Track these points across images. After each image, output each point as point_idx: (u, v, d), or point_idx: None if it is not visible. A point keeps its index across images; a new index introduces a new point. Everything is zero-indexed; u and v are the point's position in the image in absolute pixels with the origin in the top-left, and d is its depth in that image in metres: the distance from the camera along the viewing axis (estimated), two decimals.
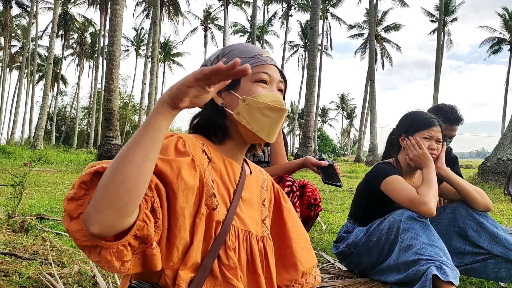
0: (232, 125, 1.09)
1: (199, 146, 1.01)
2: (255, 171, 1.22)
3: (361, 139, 35.26)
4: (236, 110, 1.06)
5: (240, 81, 1.09)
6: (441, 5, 26.07)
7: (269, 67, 1.12)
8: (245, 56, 1.11)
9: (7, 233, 2.40)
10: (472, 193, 2.02)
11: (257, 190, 1.19)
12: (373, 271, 2.02)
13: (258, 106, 1.06)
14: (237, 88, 1.09)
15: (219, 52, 1.16)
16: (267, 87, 1.10)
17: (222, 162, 1.07)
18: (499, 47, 41.70)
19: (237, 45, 1.17)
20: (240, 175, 1.12)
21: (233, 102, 1.08)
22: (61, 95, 47.67)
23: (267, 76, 1.11)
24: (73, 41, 44.04)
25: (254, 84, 1.09)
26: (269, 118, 1.07)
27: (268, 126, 1.07)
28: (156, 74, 21.84)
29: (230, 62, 0.76)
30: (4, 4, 36.99)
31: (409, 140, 2.04)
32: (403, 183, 1.92)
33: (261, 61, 1.11)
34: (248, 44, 1.19)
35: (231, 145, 1.11)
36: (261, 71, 1.10)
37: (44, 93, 19.39)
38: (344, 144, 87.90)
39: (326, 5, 42.34)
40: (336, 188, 7.55)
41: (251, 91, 1.07)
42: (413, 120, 2.10)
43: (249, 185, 1.15)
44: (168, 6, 36.12)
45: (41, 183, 6.54)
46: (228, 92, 1.09)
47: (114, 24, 11.52)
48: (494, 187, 7.62)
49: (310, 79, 16.34)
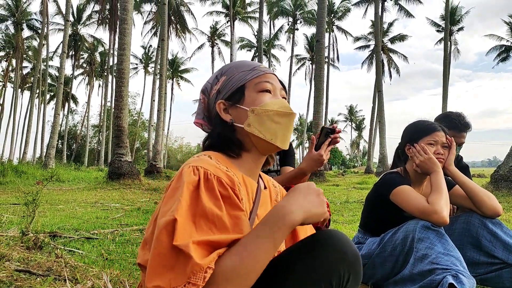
0: (244, 138, 1.10)
1: (224, 171, 1.00)
2: (268, 185, 1.23)
3: (371, 150, 35.05)
4: (247, 122, 1.07)
5: (244, 94, 1.10)
6: (447, 14, 26.10)
7: (270, 76, 1.14)
8: (244, 70, 1.13)
9: (21, 251, 2.42)
10: (480, 194, 2.00)
11: (271, 205, 1.19)
12: (388, 282, 1.99)
13: (268, 114, 1.07)
14: (242, 101, 1.10)
15: (217, 73, 1.17)
16: (271, 95, 1.12)
17: (242, 181, 1.07)
18: (507, 55, 41.44)
19: (233, 62, 1.19)
20: (256, 191, 1.12)
21: (241, 116, 1.09)
22: (72, 114, 48.36)
23: (270, 84, 1.12)
24: (83, 61, 44.75)
25: (259, 94, 1.10)
26: (280, 124, 1.08)
27: (280, 133, 1.09)
28: (165, 91, 22.04)
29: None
30: (15, 26, 37.85)
31: (414, 147, 2.04)
32: (413, 192, 1.90)
33: (260, 72, 1.13)
34: (243, 60, 1.21)
35: (248, 160, 1.11)
36: (263, 81, 1.12)
37: (55, 113, 19.64)
38: (353, 155, 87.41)
39: (332, 18, 42.61)
40: (347, 199, 7.51)
41: (257, 101, 1.09)
42: (416, 128, 2.12)
43: (264, 201, 1.15)
44: (176, 23, 36.63)
45: (53, 201, 6.59)
46: (234, 107, 1.10)
47: (123, 43, 11.70)
48: (508, 195, 7.50)
49: (318, 91, 16.38)
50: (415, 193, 1.90)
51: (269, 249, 0.85)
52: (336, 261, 0.91)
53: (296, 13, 42.04)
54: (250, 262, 0.83)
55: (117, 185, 10.24)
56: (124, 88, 11.56)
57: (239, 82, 1.11)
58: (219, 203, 0.91)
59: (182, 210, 0.86)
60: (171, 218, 0.85)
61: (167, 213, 0.87)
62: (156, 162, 18.20)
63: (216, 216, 0.89)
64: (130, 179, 10.83)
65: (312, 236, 0.98)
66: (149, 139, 24.79)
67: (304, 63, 48.60)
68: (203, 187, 0.92)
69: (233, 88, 1.11)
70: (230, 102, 1.11)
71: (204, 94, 1.19)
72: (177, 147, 57.16)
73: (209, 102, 1.17)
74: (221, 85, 1.13)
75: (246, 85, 1.11)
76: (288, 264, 0.94)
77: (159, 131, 20.18)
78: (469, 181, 2.04)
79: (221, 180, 0.95)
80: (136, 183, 10.57)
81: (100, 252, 2.75)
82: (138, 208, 5.71)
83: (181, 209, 0.86)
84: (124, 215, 4.96)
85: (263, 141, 1.07)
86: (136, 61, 46.30)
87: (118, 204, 6.31)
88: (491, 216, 2.00)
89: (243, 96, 1.10)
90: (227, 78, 1.13)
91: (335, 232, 0.97)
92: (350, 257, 0.92)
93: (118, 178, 10.81)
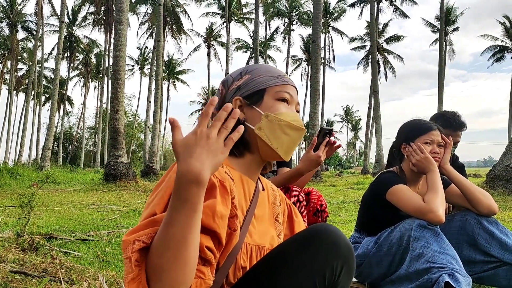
0: (251, 139, 1.10)
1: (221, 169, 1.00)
2: (266, 187, 1.23)
3: (367, 150, 35.14)
4: (258, 125, 1.08)
5: (263, 98, 1.11)
6: (442, 15, 26.23)
7: (291, 88, 1.15)
8: (269, 75, 1.14)
9: (16, 252, 2.41)
10: (476, 193, 2.00)
11: (269, 207, 1.19)
12: (384, 282, 1.99)
13: (280, 123, 1.08)
14: (259, 104, 1.11)
15: (243, 70, 1.18)
16: (288, 106, 1.13)
17: (239, 180, 1.07)
18: (501, 55, 41.71)
19: (261, 65, 1.20)
20: (254, 192, 1.12)
21: (255, 117, 1.10)
22: (68, 116, 48.24)
23: (289, 96, 1.13)
24: (79, 62, 44.67)
25: (277, 102, 1.11)
26: (289, 136, 1.09)
27: (287, 144, 1.09)
28: (161, 92, 22.04)
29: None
30: (10, 28, 37.71)
31: (410, 146, 2.04)
32: (408, 191, 1.91)
33: (284, 81, 1.15)
34: (272, 66, 1.23)
35: (249, 160, 1.12)
36: (284, 91, 1.13)
37: (51, 114, 19.57)
38: (350, 156, 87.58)
39: (327, 19, 42.73)
40: (344, 199, 7.51)
41: (273, 108, 1.10)
42: (411, 127, 2.12)
43: (262, 202, 1.15)
44: (171, 25, 36.62)
45: (49, 203, 6.56)
46: (250, 107, 1.11)
47: (119, 44, 11.68)
48: (503, 194, 7.54)
49: (314, 92, 16.41)
50: (410, 192, 1.91)
51: (183, 213, 0.77)
52: (329, 253, 0.92)
53: (292, 14, 42.16)
54: (173, 230, 0.78)
55: (113, 187, 10.22)
56: (120, 89, 11.54)
57: (261, 85, 1.12)
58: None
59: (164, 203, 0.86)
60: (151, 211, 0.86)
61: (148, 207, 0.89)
62: (153, 164, 18.18)
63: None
64: (127, 180, 10.80)
65: (305, 230, 1.00)
66: (145, 140, 24.77)
67: (300, 64, 48.74)
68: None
69: (254, 89, 1.12)
70: (247, 102, 1.12)
71: (223, 86, 1.19)
72: None
73: (227, 95, 1.16)
74: (243, 82, 1.14)
75: (267, 89, 1.12)
76: (281, 257, 0.94)
77: (155, 132, 20.16)
78: (465, 180, 2.05)
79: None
80: (133, 185, 10.55)
81: (96, 253, 2.74)
82: (135, 210, 5.70)
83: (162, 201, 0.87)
84: (120, 217, 4.94)
85: (268, 147, 1.08)
86: (132, 62, 46.29)
87: (114, 206, 6.29)
88: (487, 214, 2.00)
89: (261, 99, 1.11)
90: (250, 78, 1.14)
91: (327, 225, 0.98)
92: (343, 249, 0.94)
93: (114, 180, 10.78)
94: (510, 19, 40.25)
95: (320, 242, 0.93)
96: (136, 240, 0.80)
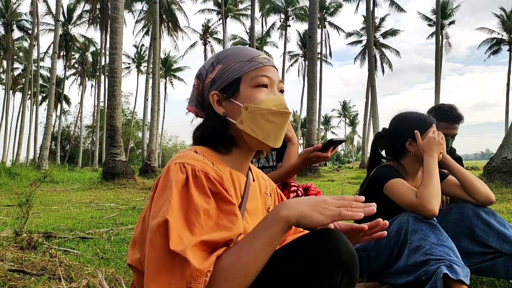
0: (237, 133, 1.05)
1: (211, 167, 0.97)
2: (257, 177, 1.20)
3: (365, 145, 35.17)
4: (239, 119, 1.03)
5: (239, 88, 1.05)
6: (438, 8, 26.18)
7: (268, 69, 1.07)
8: (241, 61, 1.06)
9: (15, 251, 2.40)
10: (474, 181, 2.00)
11: (261, 198, 1.17)
12: (383, 275, 1.99)
13: (261, 112, 1.02)
14: (237, 96, 1.04)
15: (214, 59, 1.10)
16: (268, 91, 1.06)
17: (229, 176, 1.04)
18: (498, 48, 41.76)
19: (231, 49, 1.11)
20: (245, 186, 1.09)
21: (235, 111, 1.04)
22: (65, 115, 48.12)
23: (267, 79, 1.06)
24: (75, 61, 44.50)
25: (254, 89, 1.04)
26: (274, 123, 1.03)
27: (273, 132, 1.04)
28: (158, 90, 21.98)
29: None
30: (6, 28, 37.51)
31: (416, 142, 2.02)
32: (403, 186, 1.90)
33: (258, 64, 1.06)
34: (243, 47, 1.14)
35: (237, 154, 1.08)
36: (260, 75, 1.05)
37: (48, 114, 19.50)
38: (348, 151, 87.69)
39: (324, 14, 42.64)
40: (342, 194, 7.52)
41: (252, 97, 1.03)
42: (416, 122, 2.08)
43: (253, 194, 1.12)
44: (167, 22, 36.48)
45: (47, 202, 6.56)
46: (229, 101, 1.05)
47: (115, 42, 11.64)
48: (501, 186, 7.55)
49: (311, 87, 16.40)
50: (405, 186, 1.90)
51: (265, 246, 0.84)
52: (330, 261, 0.86)
53: (288, 10, 42.01)
54: (247, 259, 0.83)
55: (111, 185, 10.21)
56: (116, 87, 11.51)
57: (235, 74, 1.05)
58: (210, 199, 0.89)
59: (173, 210, 0.84)
60: (162, 219, 0.83)
61: (158, 215, 0.85)
62: (151, 161, 18.18)
63: (208, 213, 0.87)
64: (125, 178, 10.80)
65: (306, 235, 0.94)
66: (143, 138, 24.72)
67: (297, 59, 48.64)
68: (192, 185, 0.89)
69: (228, 80, 1.05)
70: (225, 95, 1.06)
71: (199, 80, 1.13)
72: (171, 146, 57.08)
73: (203, 89, 1.11)
74: (216, 74, 1.07)
75: (242, 78, 1.05)
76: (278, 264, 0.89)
77: (153, 130, 20.13)
78: (462, 168, 2.05)
79: (209, 175, 0.92)
80: (131, 183, 10.55)
81: (95, 251, 2.74)
82: (133, 207, 5.70)
83: (171, 209, 0.84)
84: (119, 215, 4.94)
85: (255, 139, 1.03)
86: (128, 60, 46.13)
87: (113, 204, 6.29)
88: (484, 203, 2.00)
89: (238, 90, 1.04)
90: (223, 68, 1.06)
91: (330, 230, 0.91)
92: (345, 257, 0.87)
93: (113, 178, 10.78)
94: (507, 11, 40.27)
95: (320, 249, 0.87)
96: (208, 271, 0.80)
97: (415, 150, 2.03)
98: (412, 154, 2.05)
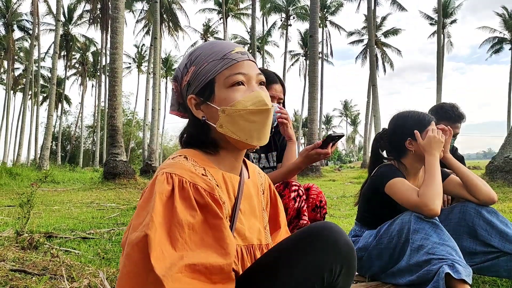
0: (220, 136, 1.02)
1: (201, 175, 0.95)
2: (253, 174, 1.17)
3: (366, 145, 35.11)
4: (219, 122, 0.99)
5: (214, 90, 1.00)
6: (439, 7, 26.14)
7: (242, 65, 1.01)
8: (214, 59, 1.01)
9: (16, 251, 2.40)
10: (476, 181, 2.00)
11: (257, 196, 1.14)
12: (385, 274, 1.99)
13: (240, 114, 0.97)
14: (213, 99, 1.00)
15: (187, 60, 1.06)
16: (245, 88, 1.01)
17: (222, 179, 1.01)
18: (500, 47, 41.66)
19: (203, 47, 1.06)
20: (239, 186, 1.05)
21: (214, 114, 1.00)
22: (66, 115, 48.17)
23: (242, 76, 1.00)
24: (76, 61, 44.49)
25: (230, 89, 0.99)
26: (255, 123, 0.99)
27: (256, 131, 0.99)
28: (159, 90, 21.98)
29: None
30: (6, 28, 37.51)
31: (416, 142, 2.01)
32: (405, 185, 1.90)
33: (231, 61, 1.01)
34: (214, 42, 1.07)
35: (226, 155, 1.05)
36: (234, 73, 1.00)
37: (49, 114, 19.50)
38: (349, 150, 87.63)
39: (325, 13, 42.58)
40: (344, 194, 7.52)
41: (228, 99, 0.98)
42: (415, 121, 2.07)
43: (248, 193, 1.09)
44: (168, 22, 36.47)
45: (48, 202, 6.56)
46: (206, 104, 1.01)
47: (115, 42, 11.63)
48: (503, 186, 7.54)
49: (312, 87, 16.37)
50: (407, 185, 1.90)
51: None
52: (328, 254, 0.88)
53: (289, 9, 41.98)
54: None
55: (112, 185, 10.21)
56: (117, 87, 11.50)
57: (209, 76, 1.00)
58: (196, 212, 0.86)
59: (154, 224, 0.81)
60: (142, 234, 0.80)
61: (139, 228, 0.82)
62: (152, 161, 18.17)
63: (193, 227, 0.84)
64: (126, 178, 10.79)
65: (305, 228, 0.95)
66: (144, 138, 24.72)
67: (298, 59, 48.62)
68: (177, 197, 0.86)
69: (202, 83, 1.01)
70: (201, 98, 1.02)
71: (176, 82, 1.09)
72: (172, 146, 57.03)
73: (182, 92, 1.08)
74: (190, 77, 1.03)
75: (216, 78, 1.00)
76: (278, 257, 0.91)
77: (154, 130, 20.12)
78: (464, 168, 2.05)
79: (197, 187, 0.90)
80: (132, 183, 10.54)
81: (97, 251, 2.74)
82: (134, 207, 5.69)
83: (152, 223, 0.81)
84: (120, 215, 4.94)
85: (239, 141, 0.99)
86: (129, 60, 46.16)
87: (114, 204, 6.29)
88: (486, 202, 2.00)
89: (213, 93, 1.00)
90: (196, 69, 1.02)
91: (328, 224, 0.93)
92: (343, 249, 0.89)
93: (114, 178, 10.77)
94: (509, 10, 40.19)
95: (319, 242, 0.89)
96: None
97: (415, 148, 2.03)
98: (412, 153, 2.05)
